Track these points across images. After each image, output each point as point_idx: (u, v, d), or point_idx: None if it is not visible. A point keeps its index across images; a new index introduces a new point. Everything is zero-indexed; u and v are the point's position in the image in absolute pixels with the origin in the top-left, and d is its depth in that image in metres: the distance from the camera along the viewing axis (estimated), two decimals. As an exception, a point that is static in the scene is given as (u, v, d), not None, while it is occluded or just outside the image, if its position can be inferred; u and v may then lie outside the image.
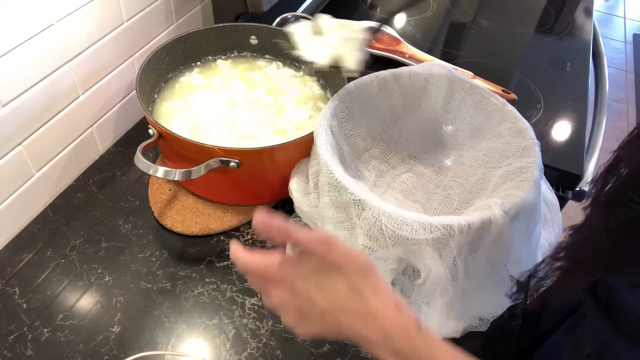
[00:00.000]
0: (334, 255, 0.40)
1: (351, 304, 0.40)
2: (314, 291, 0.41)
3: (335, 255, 0.40)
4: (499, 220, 0.57)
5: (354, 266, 0.40)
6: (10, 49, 0.63)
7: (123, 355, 0.62)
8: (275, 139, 0.77)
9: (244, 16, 0.98)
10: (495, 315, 0.67)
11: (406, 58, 1.08)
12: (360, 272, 0.40)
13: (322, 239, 0.41)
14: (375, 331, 0.40)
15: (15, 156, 0.69)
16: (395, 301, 0.40)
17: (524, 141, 0.68)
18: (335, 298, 0.40)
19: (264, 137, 0.77)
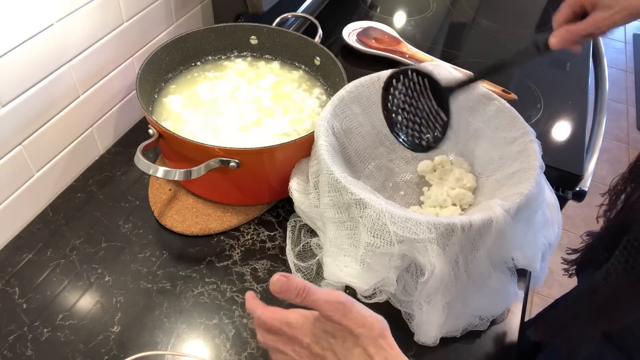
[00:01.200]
0: (349, 322, 0.40)
1: None
2: (329, 354, 0.41)
3: (351, 322, 0.40)
4: (500, 219, 0.57)
5: (368, 334, 0.40)
6: (10, 49, 0.63)
7: (123, 355, 0.62)
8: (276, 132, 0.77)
9: (244, 16, 0.98)
10: (495, 315, 0.67)
11: (406, 58, 1.08)
12: (374, 339, 0.40)
13: (339, 304, 0.41)
14: None
15: (15, 156, 0.69)
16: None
17: (524, 141, 0.68)
18: None
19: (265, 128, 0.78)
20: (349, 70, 0.80)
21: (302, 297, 0.41)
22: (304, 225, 0.74)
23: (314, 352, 0.42)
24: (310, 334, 0.42)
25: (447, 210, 0.72)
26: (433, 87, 0.65)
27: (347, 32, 1.13)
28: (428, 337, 0.64)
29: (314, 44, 0.87)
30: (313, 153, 0.69)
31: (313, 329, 0.42)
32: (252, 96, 0.84)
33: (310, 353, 0.42)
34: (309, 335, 0.42)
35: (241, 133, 0.78)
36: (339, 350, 0.41)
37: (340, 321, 0.40)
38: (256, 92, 0.85)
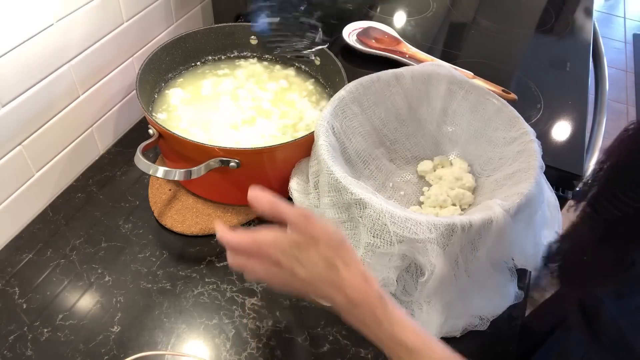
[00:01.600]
0: (310, 228, 0.45)
1: (325, 274, 0.45)
2: (295, 264, 0.45)
3: (312, 228, 0.45)
4: (500, 219, 0.57)
5: (328, 240, 0.45)
6: (10, 49, 0.63)
7: (123, 355, 0.62)
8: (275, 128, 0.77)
9: (244, 16, 0.98)
10: (495, 315, 0.67)
11: (406, 58, 1.08)
12: (334, 246, 0.45)
13: (302, 213, 0.46)
14: (344, 299, 0.45)
15: (15, 156, 0.69)
16: (362, 273, 0.45)
17: (524, 141, 0.68)
18: (312, 269, 0.45)
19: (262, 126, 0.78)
20: (349, 70, 0.80)
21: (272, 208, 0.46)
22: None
23: (282, 265, 0.45)
24: (278, 248, 0.45)
25: (447, 211, 0.72)
26: None
27: (347, 32, 1.13)
28: (428, 337, 0.64)
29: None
30: (313, 153, 0.69)
31: (280, 243, 0.46)
32: (252, 96, 0.84)
33: (278, 267, 0.46)
34: (277, 250, 0.45)
35: (231, 130, 0.78)
36: (304, 260, 0.45)
37: (304, 228, 0.45)
38: (259, 93, 0.85)
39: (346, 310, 0.46)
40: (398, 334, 0.43)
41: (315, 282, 0.45)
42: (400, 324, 0.44)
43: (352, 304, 0.45)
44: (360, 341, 0.65)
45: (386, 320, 0.44)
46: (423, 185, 0.79)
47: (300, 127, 0.80)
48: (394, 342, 0.44)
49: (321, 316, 0.67)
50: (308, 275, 0.45)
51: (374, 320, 0.44)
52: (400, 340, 0.43)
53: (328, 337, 0.65)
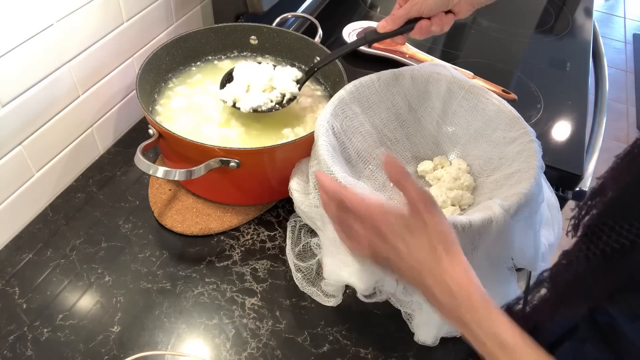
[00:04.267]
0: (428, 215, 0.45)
1: (428, 261, 0.44)
2: (401, 243, 0.45)
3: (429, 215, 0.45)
4: (500, 218, 0.57)
5: (440, 235, 0.45)
6: (10, 49, 0.63)
7: (123, 355, 0.62)
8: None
9: (244, 16, 0.98)
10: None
11: (406, 58, 1.08)
12: (443, 237, 0.45)
13: (425, 197, 0.45)
14: (443, 291, 0.44)
15: (15, 156, 0.69)
16: (466, 269, 0.44)
17: (524, 141, 0.68)
18: (416, 252, 0.45)
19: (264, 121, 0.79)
20: (349, 70, 0.80)
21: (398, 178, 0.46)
22: (304, 225, 0.74)
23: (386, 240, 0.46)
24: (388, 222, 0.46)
25: (446, 211, 0.72)
26: None
27: (347, 32, 1.13)
28: (428, 337, 0.64)
29: (314, 44, 0.87)
30: (313, 153, 0.69)
31: (390, 217, 0.46)
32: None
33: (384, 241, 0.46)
34: (386, 222, 0.46)
35: (231, 130, 0.78)
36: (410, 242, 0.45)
37: (422, 213, 0.45)
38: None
39: (443, 301, 0.44)
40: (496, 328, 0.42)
41: (416, 266, 0.45)
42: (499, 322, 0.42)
43: (451, 297, 0.44)
44: (361, 341, 0.65)
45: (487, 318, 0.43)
46: (423, 186, 0.79)
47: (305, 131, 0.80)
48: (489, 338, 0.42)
49: (321, 316, 0.67)
50: (410, 257, 0.45)
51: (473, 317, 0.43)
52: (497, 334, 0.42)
53: (328, 337, 0.65)
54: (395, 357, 0.65)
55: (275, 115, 0.80)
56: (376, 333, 0.67)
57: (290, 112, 0.82)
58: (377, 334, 0.67)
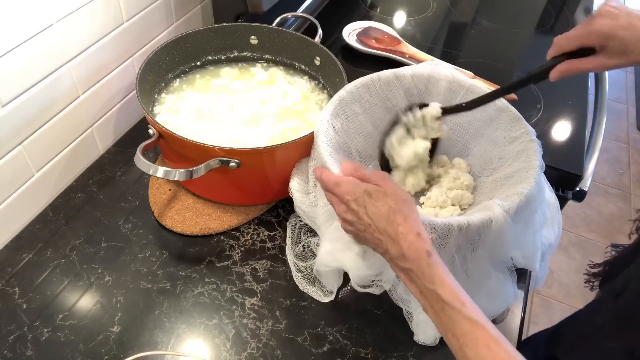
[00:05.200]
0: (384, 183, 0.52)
1: (385, 224, 0.50)
2: (362, 210, 0.52)
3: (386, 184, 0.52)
4: (499, 218, 0.57)
5: (396, 196, 0.51)
6: (10, 49, 0.63)
7: (123, 355, 0.62)
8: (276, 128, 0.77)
9: (244, 16, 0.98)
10: (494, 315, 0.67)
11: (406, 58, 1.08)
12: (400, 200, 0.51)
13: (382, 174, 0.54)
14: (396, 250, 0.49)
15: (15, 156, 0.69)
16: (417, 230, 0.49)
17: (524, 140, 0.68)
18: (376, 217, 0.51)
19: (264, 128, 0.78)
20: (349, 70, 0.80)
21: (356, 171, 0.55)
22: (304, 225, 0.74)
23: (351, 207, 0.53)
24: (352, 193, 0.53)
25: (446, 211, 0.72)
26: None
27: (347, 32, 1.13)
28: (427, 337, 0.64)
29: (314, 44, 0.87)
30: (313, 153, 0.69)
31: (355, 189, 0.53)
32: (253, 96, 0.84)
33: (348, 207, 0.53)
34: (350, 194, 0.53)
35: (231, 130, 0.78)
36: (371, 208, 0.51)
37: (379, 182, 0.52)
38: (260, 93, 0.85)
39: (396, 260, 0.50)
40: (437, 288, 0.47)
41: (375, 230, 0.51)
42: (440, 278, 0.47)
43: (402, 255, 0.49)
44: (360, 341, 0.65)
45: (429, 273, 0.48)
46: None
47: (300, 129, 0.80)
48: (431, 294, 0.48)
49: (321, 316, 0.67)
50: (369, 220, 0.51)
51: (418, 272, 0.48)
52: (438, 293, 0.47)
53: (328, 337, 0.65)
54: (395, 357, 0.65)
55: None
56: (376, 333, 0.67)
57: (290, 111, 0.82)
58: (377, 334, 0.67)
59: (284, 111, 0.82)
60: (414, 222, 0.50)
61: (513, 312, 0.69)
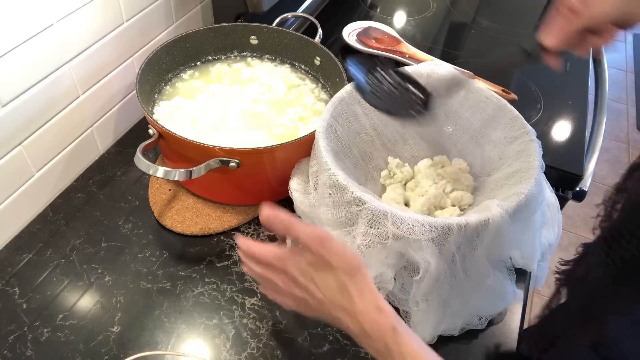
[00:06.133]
0: (326, 252, 0.45)
1: (339, 300, 0.45)
2: (311, 284, 0.46)
3: (327, 252, 0.45)
4: (498, 218, 0.57)
5: (344, 266, 0.45)
6: (10, 49, 0.63)
7: (123, 355, 0.62)
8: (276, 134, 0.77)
9: (244, 16, 0.98)
10: (493, 314, 0.67)
11: (406, 58, 1.08)
12: (350, 272, 0.45)
13: (317, 237, 0.45)
14: (358, 328, 0.45)
15: (15, 156, 0.69)
16: (377, 304, 0.45)
17: (525, 140, 0.68)
18: (327, 292, 0.46)
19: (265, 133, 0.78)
20: (349, 70, 0.80)
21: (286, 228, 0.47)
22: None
23: (299, 283, 0.47)
24: (296, 267, 0.47)
25: (446, 211, 0.72)
26: None
27: (347, 32, 1.13)
28: (425, 335, 0.64)
29: (314, 44, 0.87)
30: (313, 153, 0.69)
31: (299, 262, 0.47)
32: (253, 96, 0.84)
33: (296, 284, 0.47)
34: (295, 268, 0.47)
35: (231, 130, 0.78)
36: (319, 282, 0.46)
37: (318, 251, 0.45)
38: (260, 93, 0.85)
39: (360, 339, 0.46)
40: None
41: (329, 306, 0.46)
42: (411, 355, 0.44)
43: (364, 333, 0.45)
44: (360, 341, 0.65)
45: (398, 352, 0.44)
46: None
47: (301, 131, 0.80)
48: None
49: (321, 316, 0.67)
50: (322, 297, 0.46)
51: (385, 351, 0.44)
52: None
53: (328, 337, 0.65)
54: (395, 357, 0.65)
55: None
56: (376, 333, 0.67)
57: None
58: (377, 334, 0.66)
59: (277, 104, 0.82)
60: (371, 295, 0.45)
61: (512, 312, 0.69)
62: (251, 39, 0.91)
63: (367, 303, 0.45)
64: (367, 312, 0.45)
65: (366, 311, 0.45)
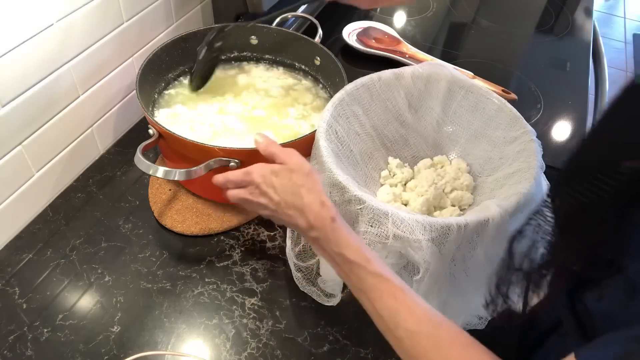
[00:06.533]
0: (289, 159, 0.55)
1: (292, 200, 0.53)
2: (270, 189, 0.54)
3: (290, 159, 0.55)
4: (497, 218, 0.57)
5: (299, 169, 0.54)
6: (10, 49, 0.63)
7: (123, 355, 0.62)
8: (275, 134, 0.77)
9: (244, 16, 0.98)
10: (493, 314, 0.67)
11: (406, 58, 1.08)
12: (304, 174, 0.54)
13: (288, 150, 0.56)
14: (304, 221, 0.52)
15: (15, 156, 0.69)
16: (321, 199, 0.52)
17: (524, 140, 0.68)
18: (283, 194, 0.54)
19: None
20: (349, 70, 0.81)
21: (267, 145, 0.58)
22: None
23: (262, 190, 0.55)
24: (260, 176, 0.55)
25: (446, 211, 0.72)
26: None
27: (347, 32, 1.13)
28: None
29: (314, 44, 0.87)
30: (313, 153, 0.69)
31: (263, 171, 0.55)
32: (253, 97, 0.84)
33: (260, 191, 0.55)
34: (259, 176, 0.55)
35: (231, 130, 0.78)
36: (277, 186, 0.54)
37: (284, 159, 0.55)
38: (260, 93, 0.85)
39: (306, 231, 0.53)
40: (343, 250, 0.50)
41: (285, 206, 0.54)
42: (345, 241, 0.50)
43: (310, 225, 0.52)
44: (360, 341, 0.65)
45: (334, 238, 0.51)
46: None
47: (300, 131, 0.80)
48: (339, 257, 0.51)
49: (321, 316, 0.67)
50: (278, 198, 0.54)
51: (324, 238, 0.51)
52: (344, 255, 0.50)
53: (328, 337, 0.65)
54: (395, 357, 0.64)
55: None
56: (376, 333, 0.66)
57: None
58: (377, 334, 0.66)
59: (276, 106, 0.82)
60: (317, 193, 0.53)
61: (512, 311, 0.69)
62: (251, 39, 0.91)
63: (312, 198, 0.52)
64: (311, 207, 0.52)
65: (311, 206, 0.52)
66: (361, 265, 0.49)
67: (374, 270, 0.49)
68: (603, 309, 0.44)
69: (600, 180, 0.41)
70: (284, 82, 0.89)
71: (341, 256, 0.50)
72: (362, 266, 0.49)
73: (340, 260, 0.51)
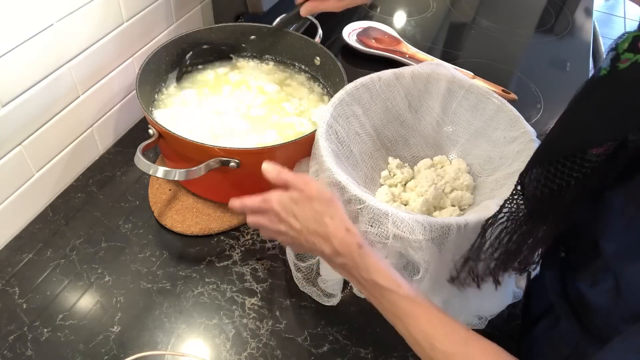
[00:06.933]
0: (307, 187, 0.53)
1: (314, 227, 0.52)
2: (291, 217, 0.53)
3: (308, 188, 0.53)
4: (498, 219, 0.57)
5: (320, 197, 0.53)
6: (10, 49, 0.63)
7: (123, 355, 0.62)
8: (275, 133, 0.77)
9: (244, 16, 0.98)
10: (493, 314, 0.67)
11: (406, 58, 1.08)
12: (324, 202, 0.53)
13: (302, 177, 0.55)
14: (330, 249, 0.51)
15: (15, 156, 0.69)
16: (345, 226, 0.52)
17: (524, 140, 0.68)
18: (305, 222, 0.53)
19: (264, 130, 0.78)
20: (349, 70, 0.81)
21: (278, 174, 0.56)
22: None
23: (281, 218, 0.54)
24: (279, 203, 0.54)
25: (446, 211, 0.72)
26: None
27: (347, 32, 1.13)
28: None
29: (314, 44, 0.87)
30: (313, 153, 0.69)
31: (282, 199, 0.54)
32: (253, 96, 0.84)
33: (279, 219, 0.54)
34: (278, 204, 0.54)
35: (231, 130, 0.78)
36: (299, 214, 0.53)
37: (302, 188, 0.54)
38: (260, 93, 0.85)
39: (332, 258, 0.52)
40: (373, 275, 0.50)
41: (307, 234, 0.53)
42: (374, 266, 0.50)
43: (336, 252, 0.51)
44: (360, 341, 0.65)
45: (362, 264, 0.50)
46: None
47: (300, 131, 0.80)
48: (369, 283, 0.50)
49: (321, 316, 0.67)
50: (301, 226, 0.53)
51: (352, 265, 0.51)
52: (374, 280, 0.49)
53: (328, 337, 0.65)
54: (395, 357, 0.65)
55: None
56: (376, 333, 0.67)
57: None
58: (377, 334, 0.67)
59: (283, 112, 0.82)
60: (341, 220, 0.52)
61: (512, 311, 0.69)
62: (251, 39, 0.91)
63: (337, 225, 0.51)
64: (337, 233, 0.51)
65: (336, 232, 0.51)
66: (392, 290, 0.49)
67: (406, 295, 0.48)
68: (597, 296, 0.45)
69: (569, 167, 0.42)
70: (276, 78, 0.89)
71: (371, 282, 0.50)
72: (393, 291, 0.49)
73: (371, 285, 0.50)
